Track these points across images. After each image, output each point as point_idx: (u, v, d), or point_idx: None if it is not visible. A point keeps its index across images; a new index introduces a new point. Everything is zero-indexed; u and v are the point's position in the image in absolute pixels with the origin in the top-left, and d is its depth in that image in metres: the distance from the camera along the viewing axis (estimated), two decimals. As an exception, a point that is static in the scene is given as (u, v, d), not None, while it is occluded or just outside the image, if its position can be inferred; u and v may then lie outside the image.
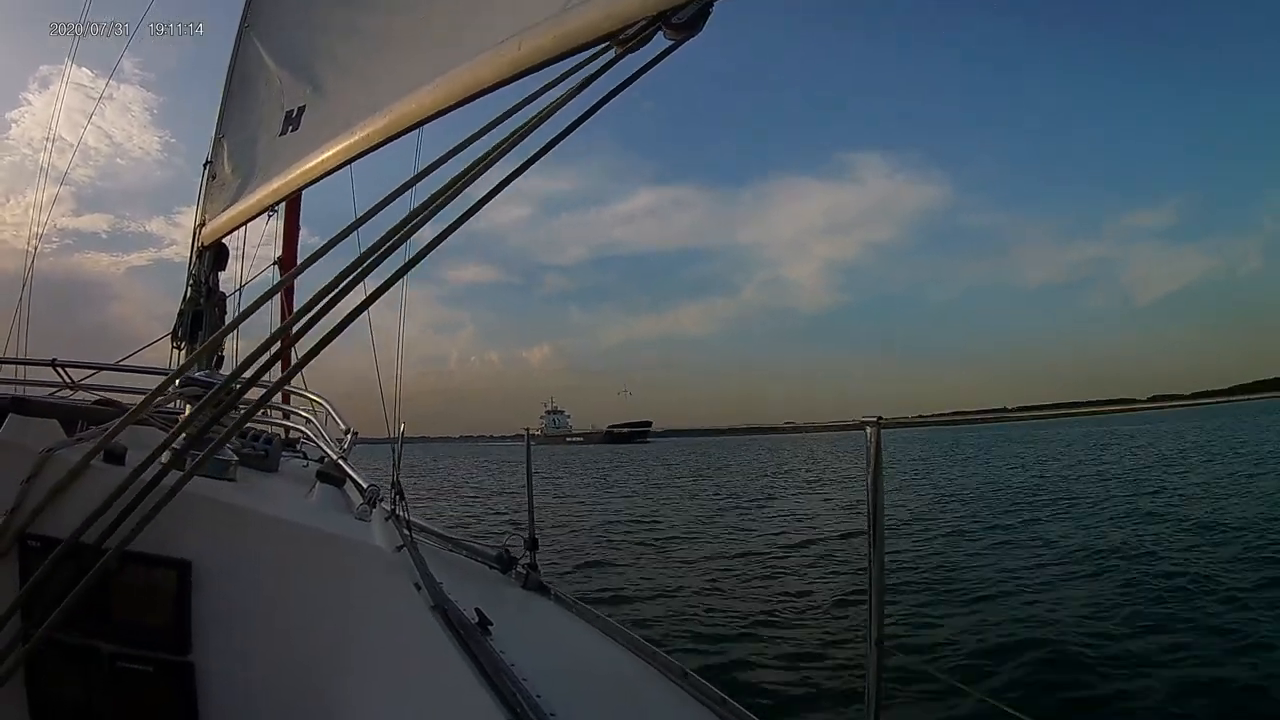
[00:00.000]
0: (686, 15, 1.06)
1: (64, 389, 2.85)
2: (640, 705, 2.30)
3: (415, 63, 1.73)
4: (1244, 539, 9.05)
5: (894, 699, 4.07)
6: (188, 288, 2.79)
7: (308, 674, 1.49)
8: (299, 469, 2.84)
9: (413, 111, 1.53)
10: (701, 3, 1.05)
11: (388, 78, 1.88)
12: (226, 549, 1.51)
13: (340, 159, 1.81)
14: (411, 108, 1.53)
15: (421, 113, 1.50)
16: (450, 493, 21.37)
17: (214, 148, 2.80)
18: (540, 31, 1.24)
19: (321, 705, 1.46)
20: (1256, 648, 5.06)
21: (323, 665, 1.50)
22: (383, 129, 1.63)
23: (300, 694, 1.46)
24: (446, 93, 1.42)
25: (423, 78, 1.55)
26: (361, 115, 1.76)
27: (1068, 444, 35.76)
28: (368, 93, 1.93)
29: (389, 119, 1.61)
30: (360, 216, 1.40)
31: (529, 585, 3.33)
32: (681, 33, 1.09)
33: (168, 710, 1.42)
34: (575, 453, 59.37)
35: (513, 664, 1.83)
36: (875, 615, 1.84)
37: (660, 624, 6.17)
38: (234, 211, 2.36)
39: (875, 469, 1.89)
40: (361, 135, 1.70)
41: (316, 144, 1.98)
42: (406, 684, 1.57)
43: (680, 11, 1.05)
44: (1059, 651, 5.11)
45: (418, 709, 1.53)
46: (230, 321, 1.50)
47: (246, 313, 1.42)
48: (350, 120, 1.83)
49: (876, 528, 1.91)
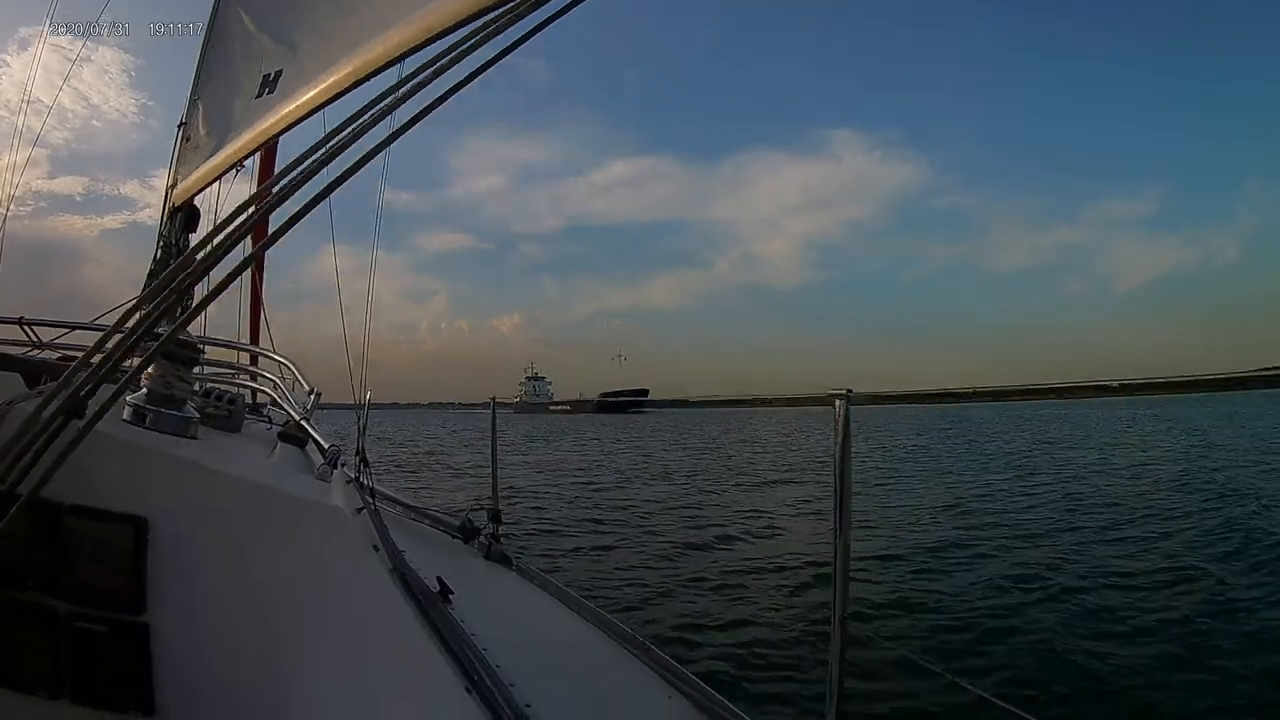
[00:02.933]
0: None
1: (31, 348, 2.79)
2: (601, 678, 2.30)
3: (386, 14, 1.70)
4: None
5: (857, 674, 4.16)
6: (158, 249, 2.74)
7: (263, 635, 1.47)
8: (262, 430, 2.80)
9: (379, 54, 1.53)
10: None
11: (360, 36, 1.85)
12: (184, 507, 1.47)
13: (310, 105, 1.81)
14: (378, 50, 1.53)
15: (388, 54, 1.50)
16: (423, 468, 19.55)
17: (189, 109, 2.75)
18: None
19: (277, 668, 1.44)
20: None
21: (278, 627, 1.48)
22: (351, 73, 1.63)
23: (255, 655, 1.44)
24: (414, 31, 1.42)
25: (391, 23, 1.53)
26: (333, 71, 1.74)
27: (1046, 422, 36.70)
28: (342, 53, 1.86)
29: (357, 64, 1.61)
30: (323, 155, 1.27)
31: (492, 556, 3.30)
32: None
33: (122, 671, 1.40)
34: (562, 423, 54.04)
35: (473, 634, 1.81)
36: (840, 592, 1.85)
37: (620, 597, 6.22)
38: (206, 168, 2.32)
39: (844, 443, 1.88)
40: (332, 80, 1.71)
41: (291, 104, 1.96)
42: (364, 649, 1.54)
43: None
44: (1025, 630, 5.29)
45: (376, 675, 1.51)
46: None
47: (213, 255, 1.36)
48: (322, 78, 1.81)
49: (843, 505, 1.91)
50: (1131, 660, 4.72)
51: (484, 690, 1.55)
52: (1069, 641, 5.05)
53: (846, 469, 1.91)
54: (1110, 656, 4.78)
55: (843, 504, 1.90)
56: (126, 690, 1.39)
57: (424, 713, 1.49)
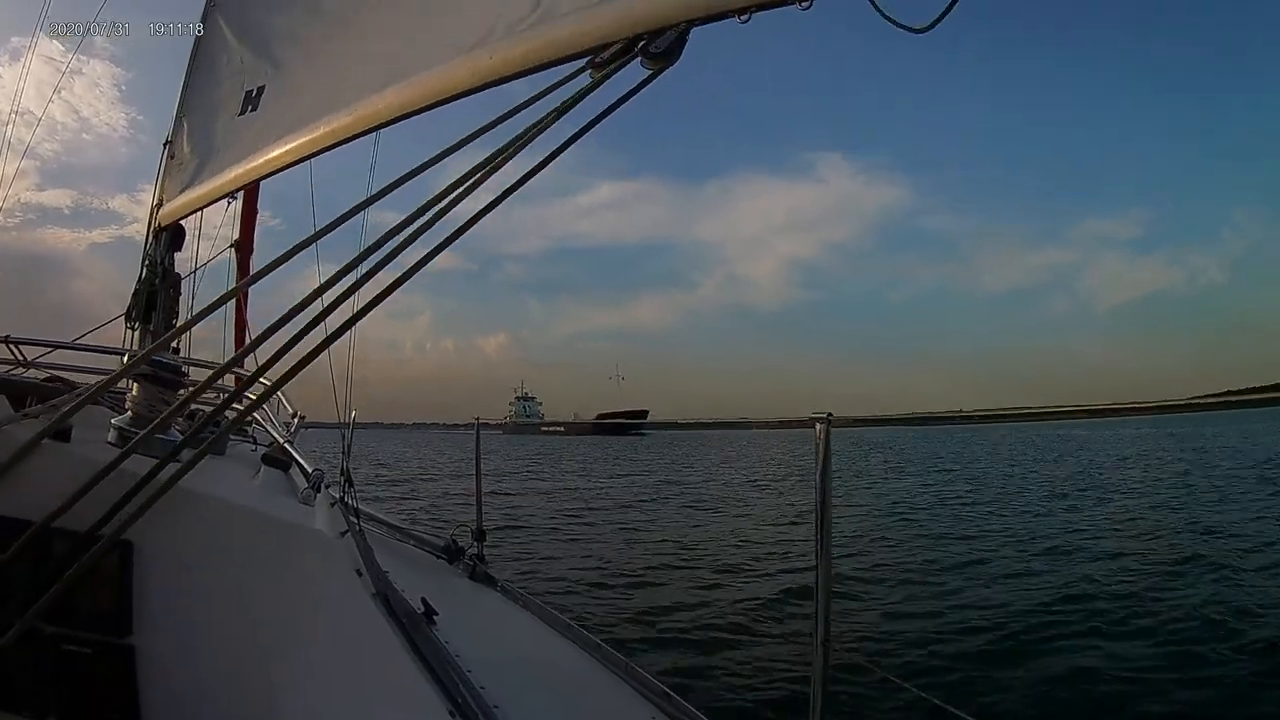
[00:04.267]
0: (664, 44, 1.07)
1: (17, 367, 2.75)
2: (584, 699, 2.31)
3: (379, 50, 1.71)
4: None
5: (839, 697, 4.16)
6: (143, 268, 2.73)
7: (248, 658, 1.47)
8: (246, 453, 2.80)
9: (378, 111, 1.50)
10: (679, 30, 1.05)
11: (351, 64, 1.85)
12: (168, 530, 1.47)
13: (300, 154, 1.78)
14: (377, 107, 1.51)
15: (388, 113, 1.48)
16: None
17: (175, 126, 2.74)
18: (513, 42, 1.23)
19: (263, 690, 1.44)
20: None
21: (263, 650, 1.48)
22: (346, 126, 1.61)
23: (240, 678, 1.44)
24: (415, 94, 1.41)
25: (388, 67, 1.51)
26: (323, 104, 1.72)
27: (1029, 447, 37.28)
28: (329, 78, 1.90)
29: (352, 117, 1.58)
30: (319, 231, 1.38)
31: (476, 576, 3.31)
32: (659, 62, 1.10)
33: (108, 694, 1.39)
34: (555, 445, 51.33)
35: (457, 655, 1.82)
36: (822, 615, 1.87)
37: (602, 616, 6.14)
38: (192, 195, 2.31)
39: (824, 467, 1.91)
40: (324, 131, 1.67)
41: (275, 128, 1.95)
42: (348, 672, 1.55)
43: (657, 40, 1.06)
44: (1004, 648, 5.31)
45: (360, 698, 1.52)
46: (191, 317, 1.46)
47: (207, 310, 1.39)
48: (310, 107, 1.80)
49: (824, 527, 1.93)
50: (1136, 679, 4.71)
51: (468, 713, 1.56)
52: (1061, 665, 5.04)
53: (827, 492, 1.93)
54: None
55: (824, 526, 1.93)
56: (113, 712, 1.39)
57: None
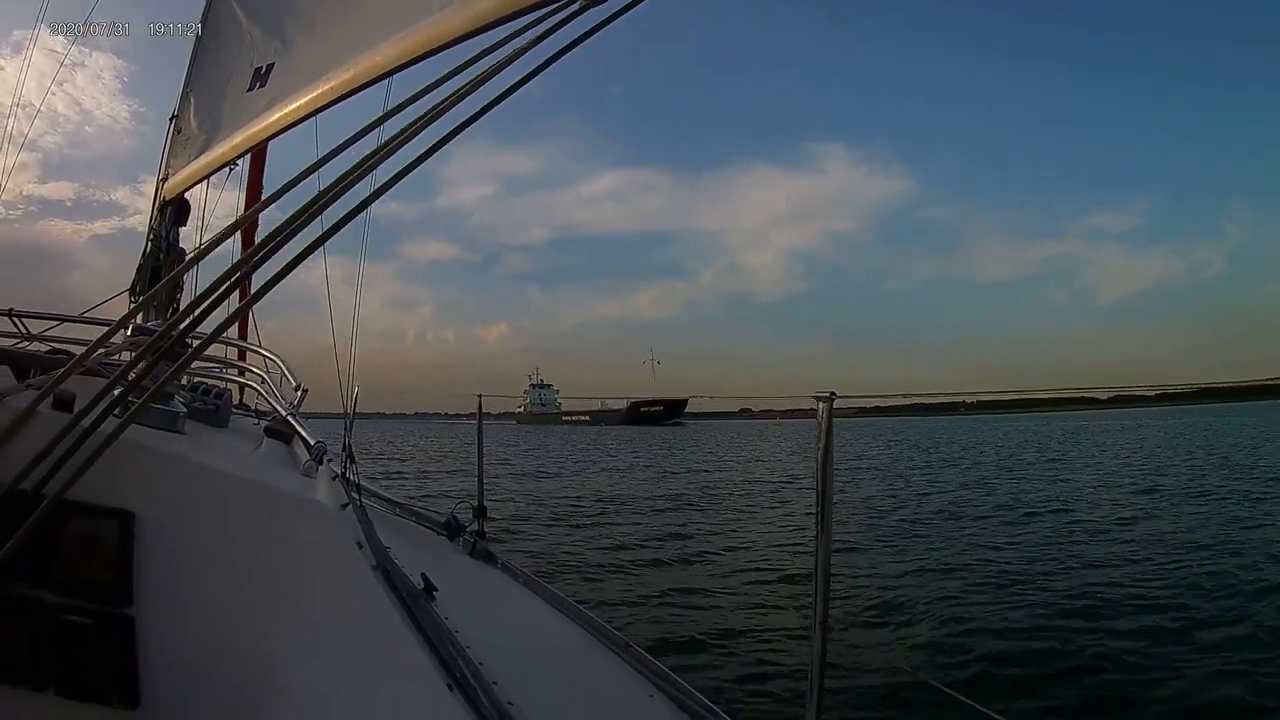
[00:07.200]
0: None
1: (20, 341, 2.77)
2: (583, 677, 2.31)
3: (382, 20, 1.69)
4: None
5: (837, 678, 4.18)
6: (148, 242, 2.73)
7: (247, 629, 1.47)
8: (249, 425, 2.80)
9: (377, 64, 1.53)
10: None
11: (355, 35, 1.84)
12: (170, 501, 1.48)
13: (304, 111, 1.80)
14: (376, 60, 1.53)
15: (386, 64, 1.50)
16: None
17: (181, 102, 2.75)
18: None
19: (261, 661, 1.45)
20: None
21: (262, 621, 1.49)
22: (347, 81, 1.63)
23: (240, 648, 1.45)
24: (411, 45, 1.42)
25: (389, 33, 1.53)
26: (327, 71, 1.74)
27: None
28: (336, 51, 1.88)
29: (353, 71, 1.61)
30: (316, 161, 1.37)
31: (476, 553, 3.30)
32: None
33: (108, 663, 1.40)
34: (580, 435, 49.22)
35: (456, 630, 1.81)
36: (820, 597, 1.86)
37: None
38: (197, 165, 2.32)
39: (826, 445, 1.89)
40: (326, 88, 1.70)
41: (283, 102, 1.96)
42: (347, 645, 1.55)
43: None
44: (1006, 636, 5.30)
45: (358, 671, 1.52)
46: (186, 261, 1.46)
47: (204, 252, 1.38)
48: (316, 76, 1.80)
49: (825, 508, 1.91)
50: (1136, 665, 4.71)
51: (466, 688, 1.55)
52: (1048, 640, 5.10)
53: (828, 471, 1.91)
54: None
55: (824, 506, 1.91)
56: (112, 682, 1.39)
57: (405, 709, 1.49)
